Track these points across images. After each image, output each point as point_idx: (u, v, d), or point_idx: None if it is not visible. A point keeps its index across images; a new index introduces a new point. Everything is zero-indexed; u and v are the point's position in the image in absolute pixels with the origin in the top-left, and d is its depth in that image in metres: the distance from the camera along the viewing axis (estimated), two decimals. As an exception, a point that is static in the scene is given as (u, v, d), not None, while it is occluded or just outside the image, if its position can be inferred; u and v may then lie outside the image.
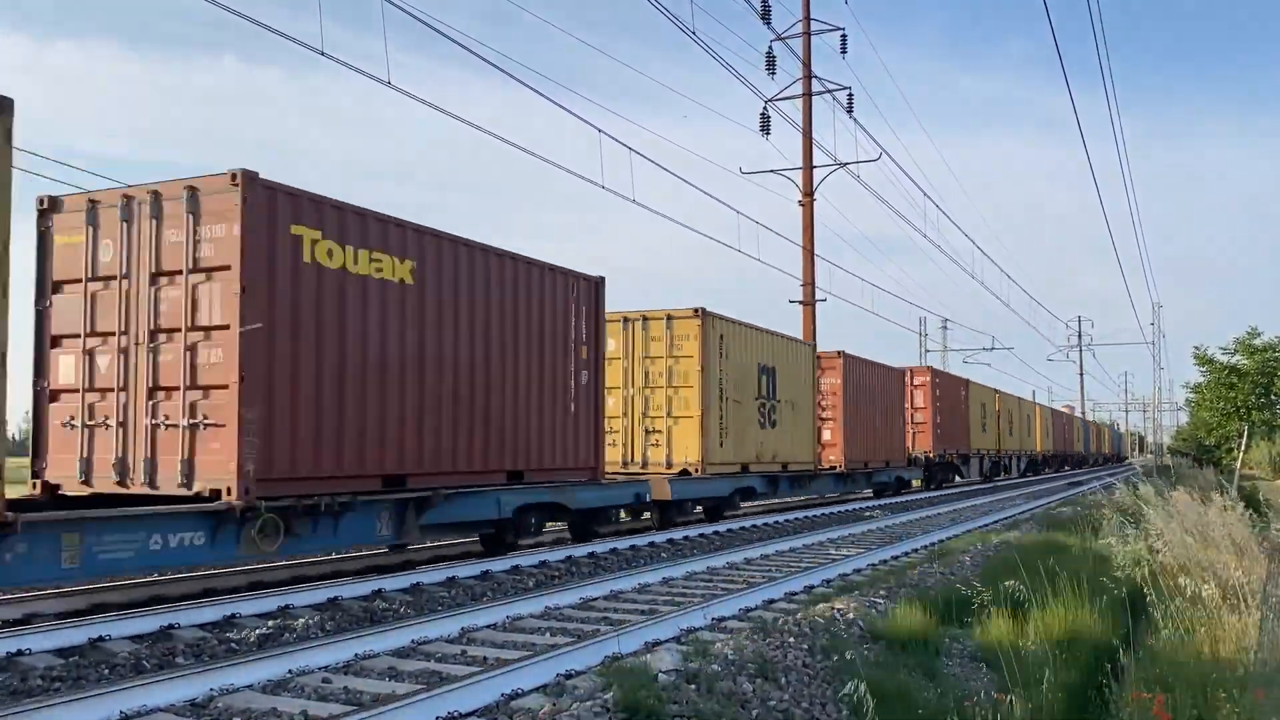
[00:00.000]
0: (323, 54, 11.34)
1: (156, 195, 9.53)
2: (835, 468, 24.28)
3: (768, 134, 32.01)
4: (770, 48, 32.33)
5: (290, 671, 6.39)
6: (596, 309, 14.51)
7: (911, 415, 32.02)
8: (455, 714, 5.39)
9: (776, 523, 18.47)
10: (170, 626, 7.80)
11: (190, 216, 9.36)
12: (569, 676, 6.20)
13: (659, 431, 17.85)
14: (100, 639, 7.31)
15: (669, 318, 17.92)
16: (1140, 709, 5.53)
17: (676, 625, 7.93)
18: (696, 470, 17.63)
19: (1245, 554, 11.23)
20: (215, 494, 9.08)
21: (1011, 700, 5.84)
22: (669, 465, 17.74)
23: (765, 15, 29.99)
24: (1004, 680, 6.52)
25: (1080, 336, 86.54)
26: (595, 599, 9.52)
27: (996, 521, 19.50)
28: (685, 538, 15.17)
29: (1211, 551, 10.96)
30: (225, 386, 9.16)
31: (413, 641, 7.37)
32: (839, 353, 25.37)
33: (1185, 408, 67.92)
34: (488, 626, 8.11)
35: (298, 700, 5.83)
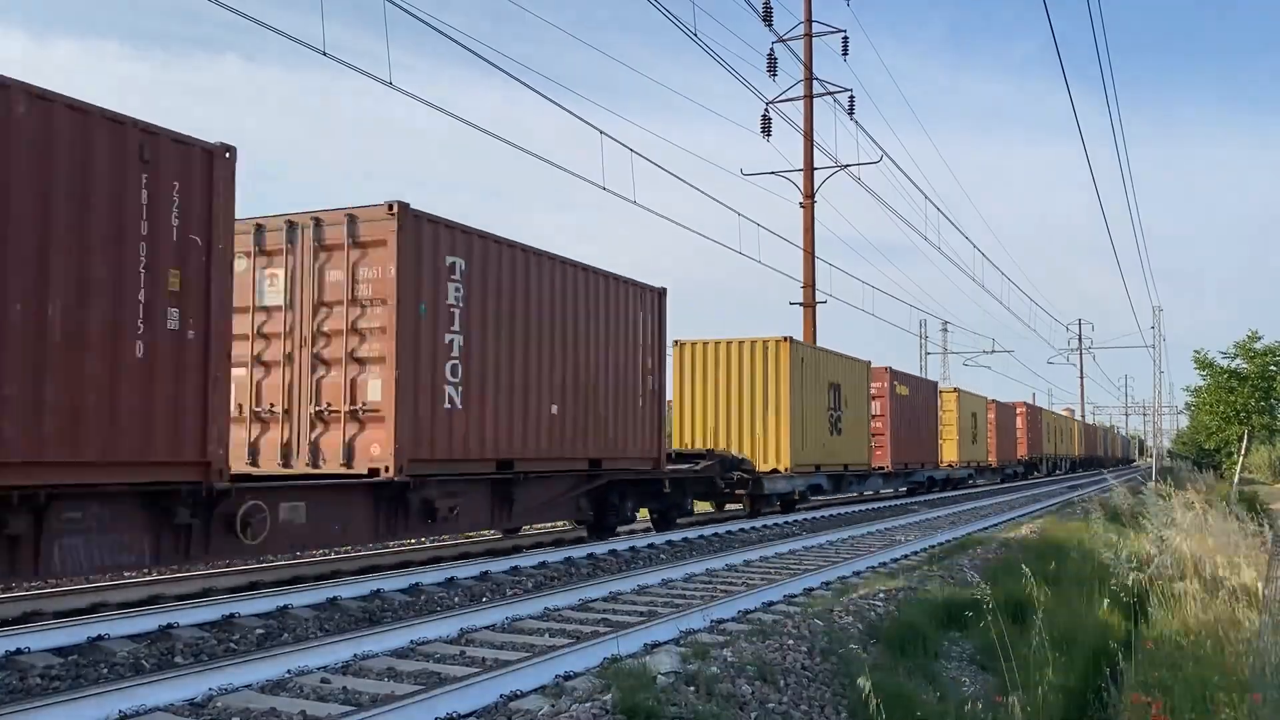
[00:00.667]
0: (324, 54, 11.34)
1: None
2: (993, 465, 44.91)
3: (769, 136, 32.05)
4: (772, 49, 32.39)
5: (289, 672, 6.38)
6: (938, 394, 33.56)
7: (1015, 433, 50.80)
8: (454, 715, 5.39)
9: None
10: (169, 626, 7.80)
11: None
12: (568, 678, 6.20)
13: (936, 448, 34.59)
14: (99, 638, 7.31)
15: (939, 390, 36.52)
16: (1139, 712, 5.53)
17: (675, 627, 7.93)
18: (955, 465, 37.16)
19: (1244, 558, 11.23)
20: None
21: (1011, 703, 5.83)
22: (940, 461, 35.39)
23: (767, 17, 30.01)
24: (1003, 683, 6.52)
25: (1080, 339, 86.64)
26: (594, 600, 9.52)
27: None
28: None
29: (1212, 555, 10.96)
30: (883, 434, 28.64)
31: (411, 642, 7.37)
32: (993, 400, 45.08)
33: (1185, 411, 68.01)
34: (487, 627, 8.10)
35: (296, 700, 5.82)
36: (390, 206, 11.20)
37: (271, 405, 11.69)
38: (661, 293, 16.65)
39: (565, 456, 14.00)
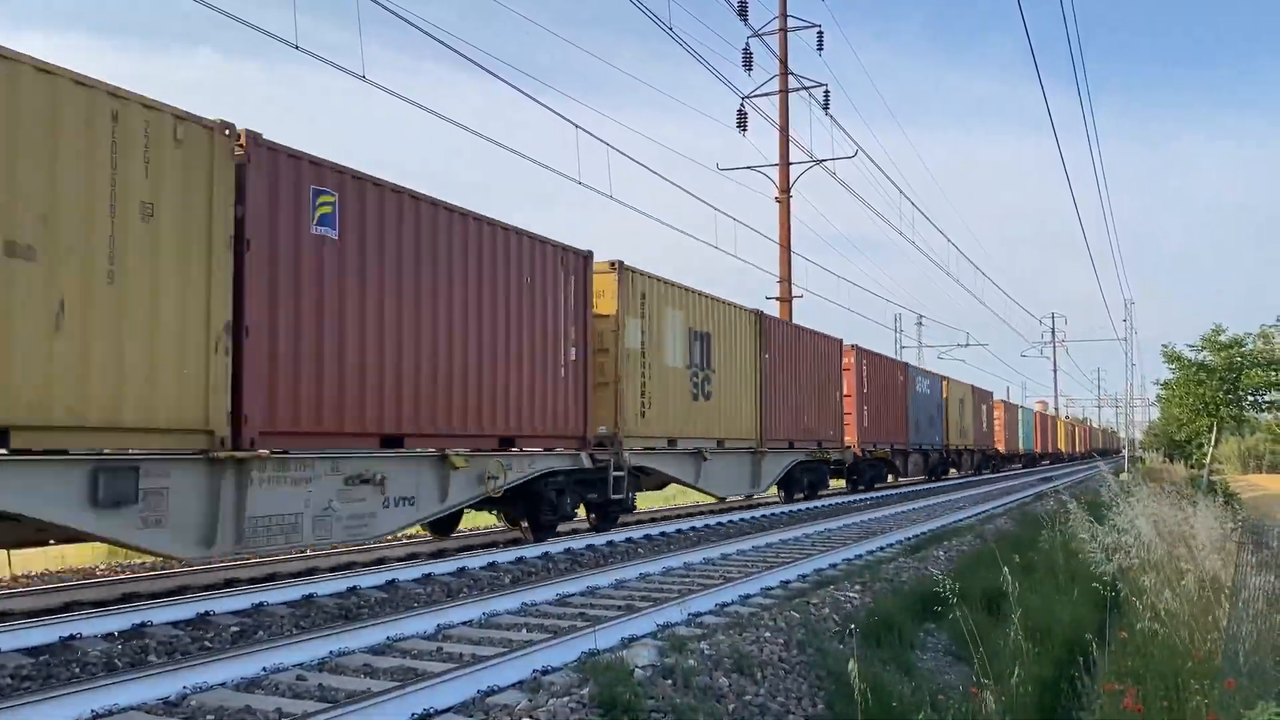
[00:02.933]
0: (296, 47, 11.25)
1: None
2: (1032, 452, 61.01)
3: (745, 130, 32.11)
4: (747, 44, 32.44)
5: (264, 669, 6.34)
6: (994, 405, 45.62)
7: (1067, 433, 72.16)
8: (431, 711, 5.37)
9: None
10: (143, 624, 7.73)
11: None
12: (545, 672, 6.19)
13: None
14: (71, 637, 7.23)
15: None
16: (1112, 700, 5.58)
17: (653, 621, 7.94)
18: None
19: (1216, 548, 11.34)
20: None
21: (985, 694, 5.87)
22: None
23: (742, 12, 30.03)
24: (978, 673, 6.56)
25: (1054, 333, 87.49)
26: (572, 595, 9.51)
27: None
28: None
29: (1182, 546, 11.05)
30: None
31: (388, 638, 7.34)
32: (1041, 403, 76.34)
33: (1157, 403, 69.12)
34: (464, 623, 8.08)
35: (272, 698, 5.78)
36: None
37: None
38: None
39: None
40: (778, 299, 31.92)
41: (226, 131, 9.22)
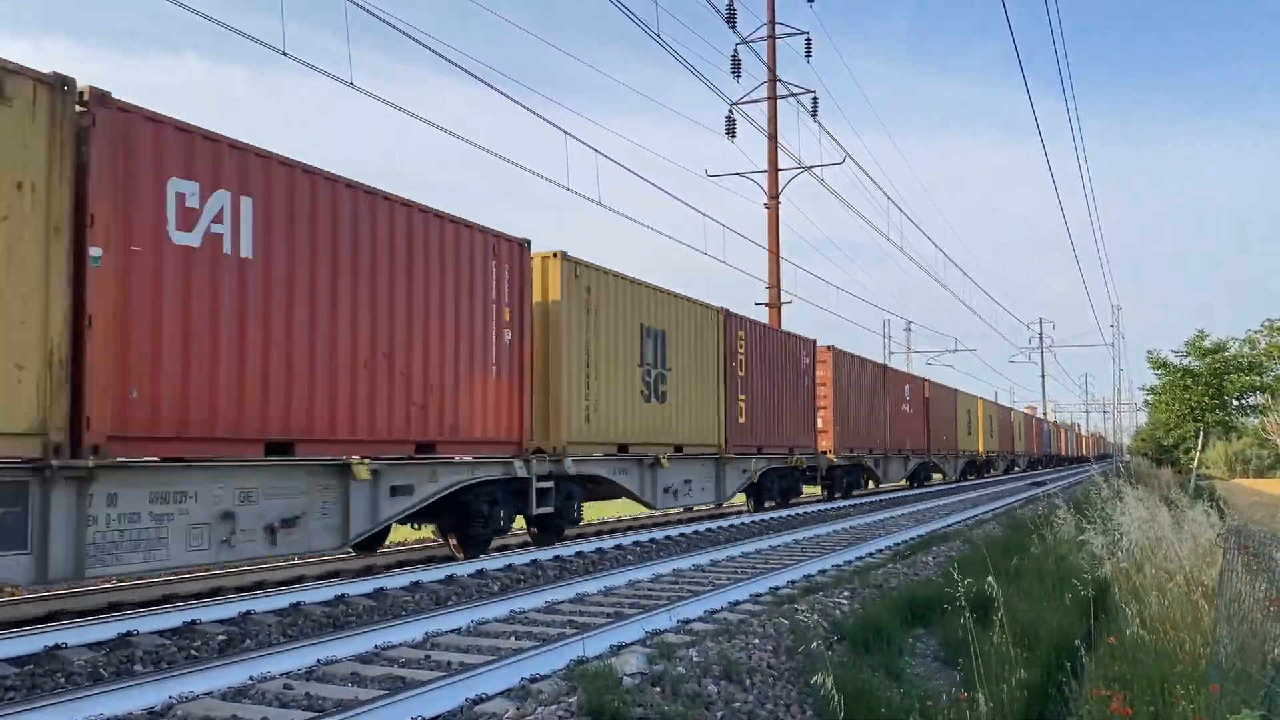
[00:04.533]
0: (284, 54, 11.23)
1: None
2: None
3: (733, 137, 32.20)
4: (735, 51, 32.51)
5: (251, 678, 6.32)
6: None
7: (1083, 442, 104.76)
8: (419, 719, 5.36)
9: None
10: (129, 634, 7.69)
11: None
12: (534, 680, 6.18)
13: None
14: (56, 647, 7.19)
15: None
16: (1099, 705, 5.59)
17: (642, 628, 7.92)
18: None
19: (1202, 552, 11.39)
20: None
21: (973, 699, 5.89)
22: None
23: (730, 19, 30.14)
24: (967, 679, 6.58)
25: (1042, 339, 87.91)
26: (561, 602, 9.49)
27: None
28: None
29: (1170, 550, 11.10)
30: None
31: (376, 647, 7.31)
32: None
33: (1144, 408, 69.80)
34: (452, 631, 8.06)
35: (258, 707, 5.76)
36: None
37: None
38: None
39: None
40: (766, 305, 31.99)
41: None
